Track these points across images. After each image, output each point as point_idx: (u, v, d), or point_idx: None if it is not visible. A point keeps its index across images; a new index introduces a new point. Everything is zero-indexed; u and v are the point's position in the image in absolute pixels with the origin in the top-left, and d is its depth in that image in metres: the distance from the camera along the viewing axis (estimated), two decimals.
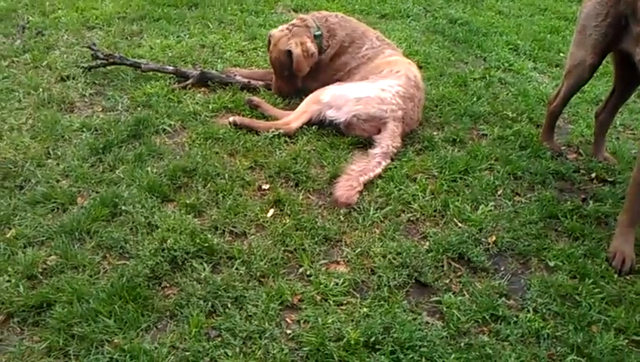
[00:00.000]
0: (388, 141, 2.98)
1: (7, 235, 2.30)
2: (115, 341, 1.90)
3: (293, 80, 3.47)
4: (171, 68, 3.57)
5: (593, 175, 3.03)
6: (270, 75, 3.56)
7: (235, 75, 3.60)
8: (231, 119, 3.11)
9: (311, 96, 3.21)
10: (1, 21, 4.17)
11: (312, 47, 3.40)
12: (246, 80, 3.56)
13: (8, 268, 2.14)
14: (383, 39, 3.59)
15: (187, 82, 3.49)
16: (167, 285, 2.17)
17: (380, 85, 3.13)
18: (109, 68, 3.61)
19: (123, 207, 2.47)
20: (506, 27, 4.98)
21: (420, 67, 3.99)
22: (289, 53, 3.36)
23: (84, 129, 3.02)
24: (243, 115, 3.22)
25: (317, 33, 3.46)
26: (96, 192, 2.58)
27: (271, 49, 3.47)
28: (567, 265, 2.40)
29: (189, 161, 2.79)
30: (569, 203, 2.77)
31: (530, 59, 4.44)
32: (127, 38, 4.13)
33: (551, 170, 3.01)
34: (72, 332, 1.92)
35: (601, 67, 3.07)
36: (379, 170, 2.85)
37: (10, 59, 3.66)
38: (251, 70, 3.77)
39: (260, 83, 3.57)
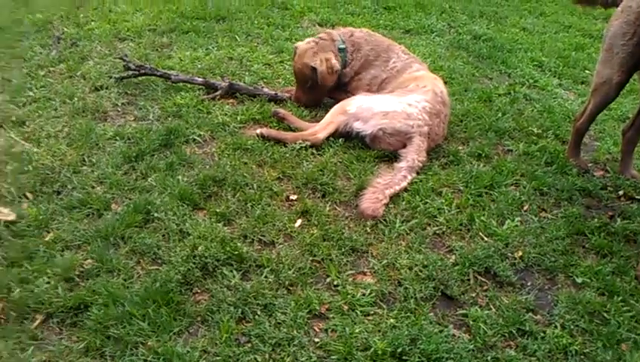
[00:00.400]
0: (414, 155, 3.01)
1: (46, 239, 2.37)
2: (149, 343, 1.95)
3: (314, 92, 3.55)
4: (200, 79, 3.66)
5: (621, 192, 3.03)
6: None
7: (263, 87, 3.67)
8: (258, 131, 3.17)
9: (337, 106, 3.26)
10: (38, 32, 4.31)
11: (336, 63, 3.49)
12: (273, 92, 3.64)
13: (47, 270, 2.21)
14: (408, 53, 3.66)
15: (216, 93, 3.58)
16: (199, 291, 2.22)
17: (407, 100, 3.17)
18: (140, 78, 3.71)
19: (155, 214, 2.53)
20: (530, 44, 5.00)
21: (444, 82, 4.03)
22: (314, 69, 3.44)
23: (118, 137, 3.10)
24: (270, 127, 3.29)
25: (341, 46, 3.55)
26: (130, 199, 2.65)
27: (296, 60, 3.55)
28: (595, 282, 2.40)
29: (219, 171, 2.85)
30: (596, 220, 2.77)
31: (555, 76, 4.45)
32: (157, 49, 4.23)
33: (577, 186, 3.01)
34: (108, 334, 1.97)
35: (627, 85, 3.07)
36: (404, 184, 2.88)
37: (46, 69, 3.78)
38: None
39: (286, 95, 3.64)
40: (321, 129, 3.17)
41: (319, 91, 3.55)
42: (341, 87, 3.63)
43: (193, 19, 4.77)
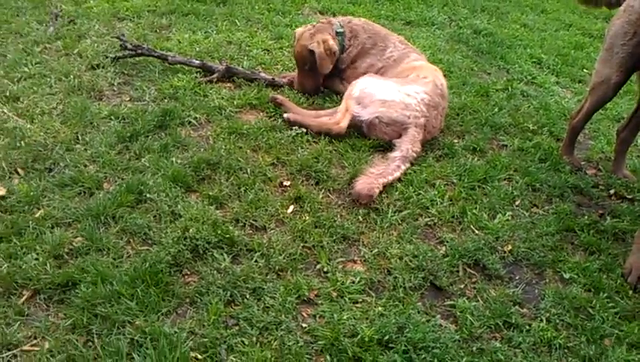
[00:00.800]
0: (408, 145, 3.01)
1: (36, 215, 2.36)
2: (137, 323, 1.95)
3: (315, 76, 3.54)
4: (197, 62, 3.64)
5: (612, 191, 3.05)
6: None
7: (261, 72, 3.67)
8: (285, 116, 3.19)
9: (347, 92, 3.24)
10: (36, 8, 4.26)
11: (334, 45, 3.48)
12: (270, 77, 3.63)
13: (36, 246, 2.20)
14: (405, 43, 3.65)
15: (213, 76, 3.56)
16: (188, 273, 2.22)
17: (407, 90, 3.16)
18: (137, 59, 3.68)
19: (148, 195, 2.53)
20: (530, 40, 5.00)
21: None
22: (311, 52, 3.42)
23: (112, 117, 3.08)
24: (267, 113, 3.28)
25: (339, 30, 3.55)
26: (122, 179, 2.64)
27: (295, 46, 3.55)
28: (582, 278, 2.42)
29: (213, 154, 2.84)
30: (586, 217, 2.79)
31: (553, 74, 4.45)
32: (156, 31, 4.20)
33: (570, 184, 3.03)
34: (95, 312, 1.97)
35: (624, 85, 3.08)
36: (398, 174, 2.88)
37: (43, 45, 3.75)
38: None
39: (284, 80, 3.62)
40: (341, 117, 3.14)
41: (318, 74, 3.54)
42: (337, 74, 3.62)
43: (193, 1, 4.74)
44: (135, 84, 3.46)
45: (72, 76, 3.40)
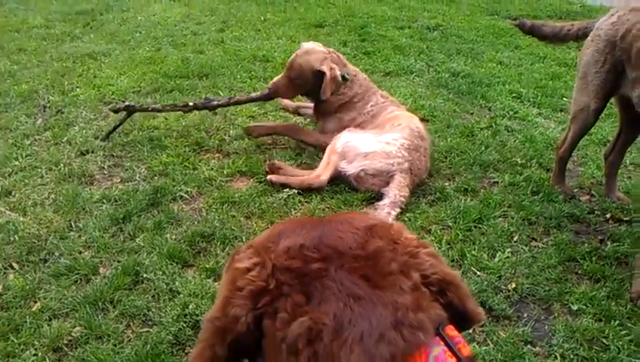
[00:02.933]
0: (395, 191, 3.03)
1: (33, 309, 2.34)
2: None
3: (297, 90, 3.67)
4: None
5: (608, 215, 3.04)
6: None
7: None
8: (268, 177, 3.24)
9: (330, 146, 3.30)
10: (24, 102, 4.37)
11: (339, 76, 3.57)
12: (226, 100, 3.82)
13: (34, 341, 2.17)
14: (386, 97, 3.73)
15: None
16: (191, 350, 2.17)
17: (385, 139, 3.21)
18: (126, 140, 3.75)
19: (144, 275, 2.51)
20: (507, 77, 5.11)
21: (426, 120, 4.10)
22: (320, 73, 3.51)
23: (104, 200, 3.11)
24: (258, 179, 3.31)
25: (346, 76, 3.61)
26: (118, 261, 2.63)
27: (299, 54, 3.61)
28: (591, 308, 2.38)
29: (207, 226, 2.85)
30: (586, 245, 2.77)
31: (534, 106, 4.53)
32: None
33: (565, 213, 3.02)
34: None
35: (605, 109, 3.13)
36: (390, 220, 2.87)
37: (32, 138, 3.82)
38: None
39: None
40: (322, 171, 3.20)
41: (303, 90, 3.66)
42: (323, 117, 3.69)
43: (176, 77, 4.86)
44: (125, 164, 3.51)
45: (62, 164, 3.45)
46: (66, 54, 5.45)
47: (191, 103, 3.82)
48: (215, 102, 3.80)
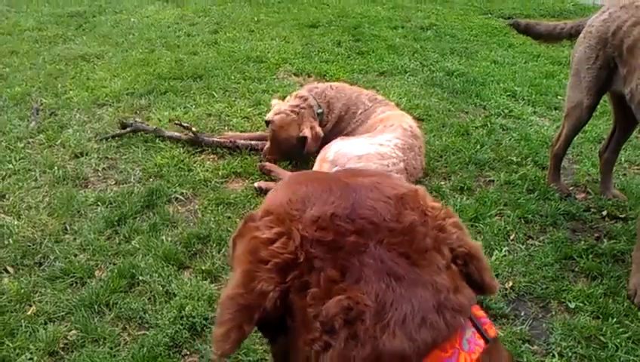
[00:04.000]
0: None
1: (28, 313, 2.32)
2: None
3: (288, 155, 3.58)
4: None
5: (604, 213, 3.04)
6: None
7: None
8: (256, 185, 3.20)
9: (319, 156, 3.28)
10: (17, 105, 4.34)
11: (320, 131, 3.53)
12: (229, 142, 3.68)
13: (30, 345, 2.15)
14: (374, 98, 3.70)
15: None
16: (188, 352, 2.16)
17: (378, 140, 3.20)
18: (120, 142, 3.74)
19: (140, 277, 2.50)
20: (502, 75, 5.12)
21: (421, 120, 4.10)
22: (303, 138, 3.47)
23: (99, 203, 3.09)
24: (254, 180, 3.30)
25: (319, 111, 3.58)
26: (114, 264, 2.61)
27: (277, 130, 3.49)
28: (588, 305, 2.38)
29: (203, 228, 2.83)
30: (583, 242, 2.77)
31: (528, 104, 4.54)
32: (136, 112, 4.28)
33: (561, 211, 3.03)
34: None
35: (599, 107, 3.14)
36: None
37: (25, 141, 3.79)
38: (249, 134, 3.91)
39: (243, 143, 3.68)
40: None
41: (294, 154, 3.58)
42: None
43: (170, 79, 4.84)
44: (119, 167, 3.49)
45: (56, 167, 3.43)
46: (58, 57, 5.42)
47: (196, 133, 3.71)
48: (215, 140, 3.69)
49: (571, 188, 3.32)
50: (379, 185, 0.91)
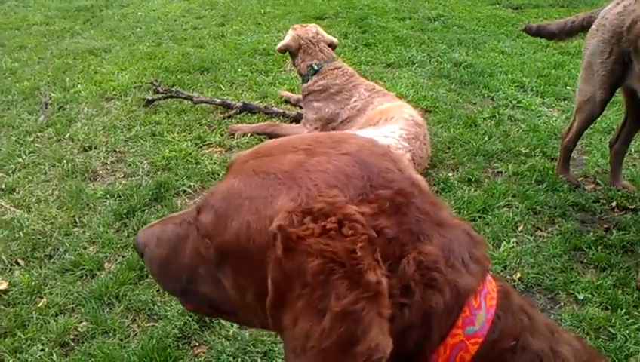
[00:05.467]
0: None
1: (39, 305, 2.34)
2: None
3: None
4: (219, 100, 4.18)
5: (614, 204, 3.02)
6: None
7: (273, 107, 4.09)
8: None
9: None
10: (26, 100, 4.36)
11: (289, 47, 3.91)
12: (281, 110, 4.04)
13: (41, 337, 2.17)
14: (372, 88, 3.72)
15: (231, 112, 4.04)
16: (197, 344, 2.18)
17: (383, 132, 3.18)
18: (128, 135, 3.75)
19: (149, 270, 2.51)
20: (510, 66, 5.08)
21: (428, 111, 4.09)
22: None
23: (108, 196, 3.10)
24: None
25: (315, 67, 3.80)
26: (123, 256, 2.63)
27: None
28: (597, 296, 2.37)
29: None
30: (592, 233, 2.76)
31: (537, 95, 4.50)
32: (144, 105, 4.28)
33: (570, 202, 3.01)
34: None
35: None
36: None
37: (35, 135, 3.82)
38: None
39: (293, 113, 4.01)
40: None
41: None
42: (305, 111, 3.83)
43: (177, 72, 4.85)
44: (128, 160, 3.50)
45: (65, 161, 3.45)
46: (66, 51, 5.44)
47: (229, 102, 4.18)
48: (251, 106, 4.12)
49: (580, 179, 3.30)
50: (369, 147, 0.90)
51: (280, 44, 3.94)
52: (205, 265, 0.94)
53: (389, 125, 3.24)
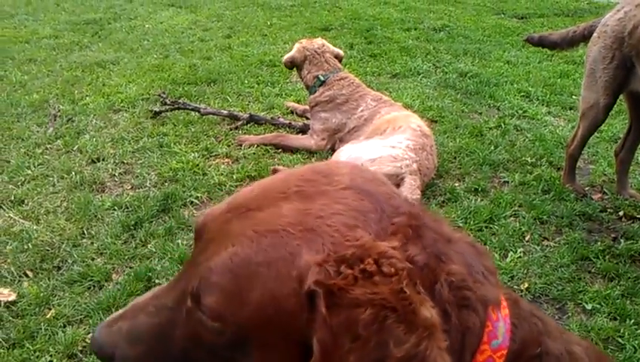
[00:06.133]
0: (407, 195, 3.02)
1: (48, 316, 2.36)
2: None
3: None
4: (225, 112, 4.22)
5: (621, 213, 3.01)
6: None
7: (279, 118, 4.13)
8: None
9: (332, 159, 3.30)
10: (35, 112, 4.41)
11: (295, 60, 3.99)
12: (287, 121, 4.08)
13: (49, 348, 2.18)
14: (379, 98, 3.75)
15: (238, 123, 4.05)
16: None
17: (390, 143, 3.20)
18: (136, 147, 3.78)
19: (156, 281, 2.53)
20: (515, 76, 5.09)
21: (434, 121, 4.10)
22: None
23: (116, 207, 3.13)
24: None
25: (321, 78, 3.84)
26: (130, 268, 2.65)
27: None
28: (605, 306, 2.36)
29: None
30: (599, 243, 2.75)
31: (543, 105, 4.51)
32: (151, 117, 4.32)
33: (577, 211, 3.00)
34: None
35: (615, 106, 3.10)
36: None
37: (43, 147, 3.86)
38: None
39: (299, 124, 4.03)
40: None
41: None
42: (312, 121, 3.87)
43: (185, 84, 4.90)
44: (135, 171, 3.53)
45: (73, 172, 3.48)
46: (75, 63, 5.50)
47: (236, 113, 4.23)
48: (258, 118, 4.17)
49: (587, 188, 3.29)
50: (357, 174, 0.87)
51: (286, 57, 3.99)
52: (212, 352, 0.80)
53: (397, 135, 3.26)
